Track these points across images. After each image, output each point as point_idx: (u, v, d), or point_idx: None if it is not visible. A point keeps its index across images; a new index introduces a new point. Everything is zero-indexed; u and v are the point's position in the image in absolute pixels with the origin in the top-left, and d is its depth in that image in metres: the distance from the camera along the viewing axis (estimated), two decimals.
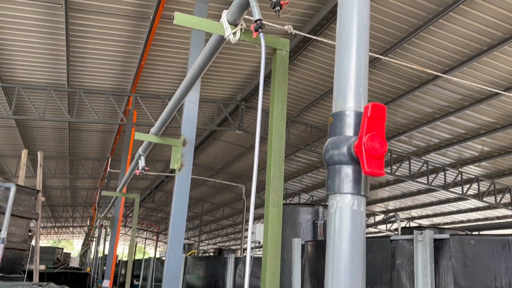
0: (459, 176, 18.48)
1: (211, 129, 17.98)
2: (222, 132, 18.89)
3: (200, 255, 32.62)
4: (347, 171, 1.46)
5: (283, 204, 3.83)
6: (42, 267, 11.52)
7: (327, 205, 1.52)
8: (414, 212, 26.76)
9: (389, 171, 17.89)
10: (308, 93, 14.49)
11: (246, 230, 23.07)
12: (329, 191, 1.49)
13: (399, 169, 18.01)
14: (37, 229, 10.98)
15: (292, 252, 5.74)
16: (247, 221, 22.90)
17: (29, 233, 11.56)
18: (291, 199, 26.99)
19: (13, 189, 9.47)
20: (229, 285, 10.56)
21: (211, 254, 37.66)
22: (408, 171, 18.06)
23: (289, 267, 6.27)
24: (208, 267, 11.76)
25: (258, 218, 26.64)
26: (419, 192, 22.35)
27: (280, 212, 2.96)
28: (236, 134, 18.70)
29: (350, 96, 1.54)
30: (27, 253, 10.72)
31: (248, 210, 21.80)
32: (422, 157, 17.81)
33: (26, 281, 10.17)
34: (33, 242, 11.48)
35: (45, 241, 58.49)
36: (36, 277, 10.63)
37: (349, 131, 1.51)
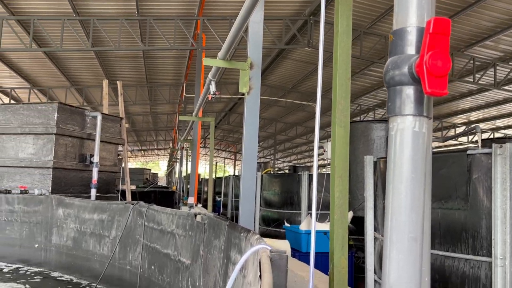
0: None
1: (279, 48, 17.67)
2: (291, 50, 18.49)
3: (275, 172, 33.75)
4: (408, 92, 1.41)
5: (356, 121, 3.79)
6: (133, 187, 12.68)
7: None
8: (500, 122, 25.17)
9: (472, 80, 16.71)
10: (381, 1, 13.52)
11: (319, 147, 23.26)
12: (390, 113, 1.46)
13: (483, 77, 16.72)
14: (124, 153, 11.93)
15: (364, 169, 5.76)
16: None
17: (118, 157, 12.62)
18: (365, 115, 26.45)
19: (99, 118, 10.24)
20: (304, 200, 10.97)
21: (286, 171, 38.78)
22: (493, 79, 16.73)
23: (362, 183, 6.33)
24: (283, 183, 12.23)
25: (329, 136, 26.60)
26: (505, 101, 20.80)
27: (347, 132, 2.96)
28: (305, 52, 18.24)
29: (412, 10, 1.44)
30: (118, 175, 11.80)
31: (320, 128, 21.82)
32: (510, 63, 16.31)
33: (120, 199, 11.30)
34: (123, 165, 12.55)
35: (134, 164, 63.48)
36: (128, 196, 11.74)
37: (411, 49, 1.42)
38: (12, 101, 23.45)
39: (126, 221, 6.98)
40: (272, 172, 28.15)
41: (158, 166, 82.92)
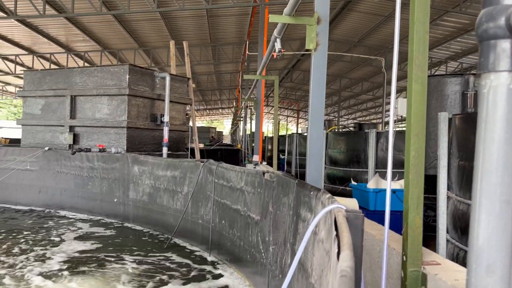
0: None
1: (345, 0, 16.93)
2: (357, 2, 17.66)
3: (340, 130, 33.19)
4: (504, 45, 1.30)
5: (428, 76, 3.60)
6: (201, 145, 13.07)
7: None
8: None
9: None
10: None
11: (387, 103, 22.43)
12: (482, 69, 1.36)
13: None
14: (192, 112, 12.26)
15: (438, 126, 5.51)
16: (387, 94, 22.15)
17: (186, 116, 12.99)
18: (436, 68, 25.00)
19: (168, 78, 10.52)
20: (371, 158, 10.77)
21: (351, 129, 37.98)
22: None
23: (435, 140, 6.07)
24: (349, 141, 12.05)
25: (400, 91, 25.48)
26: None
27: (424, 88, 2.82)
28: (372, 2, 17.34)
29: None
30: (187, 133, 12.22)
31: (388, 83, 20.97)
32: None
33: (190, 157, 11.73)
34: (190, 124, 12.94)
35: (199, 122, 65.24)
36: (197, 154, 12.15)
37: None
38: (86, 64, 24.70)
39: (197, 178, 7.27)
40: (336, 130, 27.78)
41: (223, 124, 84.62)
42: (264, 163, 13.99)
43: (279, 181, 4.63)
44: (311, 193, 3.45)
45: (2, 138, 21.82)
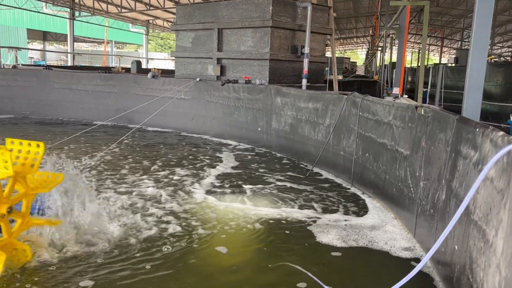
0: None
1: None
2: None
3: (495, 61, 29.65)
4: None
5: None
6: (340, 77, 12.88)
7: None
8: None
9: None
10: None
11: None
12: None
13: None
14: (332, 43, 12.05)
15: None
16: None
17: (326, 47, 12.83)
18: None
19: (309, 8, 10.39)
20: None
21: (507, 59, 33.60)
22: None
23: None
24: (508, 73, 10.77)
25: None
26: None
27: None
28: None
29: None
30: (326, 65, 12.12)
31: None
32: None
33: (327, 89, 11.72)
34: (328, 54, 12.77)
35: None
36: (335, 86, 12.08)
37: None
38: None
39: (340, 110, 7.31)
40: (491, 60, 24.94)
41: (356, 54, 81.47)
42: (405, 96, 13.33)
43: (435, 116, 4.45)
44: (477, 130, 3.27)
45: (154, 68, 24.12)
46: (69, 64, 29.79)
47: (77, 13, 27.31)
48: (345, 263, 4.22)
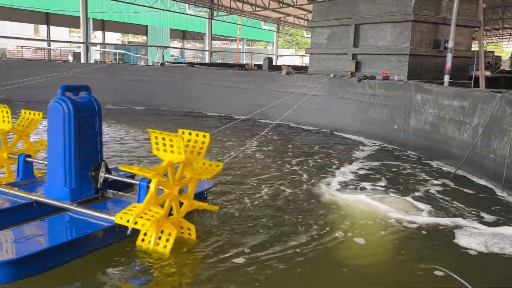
0: None
1: None
2: None
3: None
4: None
5: None
6: (487, 73, 11.78)
7: None
8: None
9: None
10: None
11: None
12: None
13: None
14: (480, 37, 11.13)
15: None
16: None
17: (472, 41, 11.86)
18: None
19: (456, 0, 9.70)
20: None
21: None
22: None
23: None
24: None
25: None
26: None
27: None
28: None
29: None
30: (471, 60, 11.22)
31: None
32: None
33: (472, 86, 10.84)
34: (475, 49, 11.77)
35: (473, 47, 58.16)
36: (482, 83, 11.13)
37: None
38: None
39: (492, 109, 6.75)
40: None
41: (501, 48, 73.50)
42: None
43: None
44: None
45: (285, 65, 24.68)
46: (207, 61, 32.00)
47: (215, 13, 29.21)
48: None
